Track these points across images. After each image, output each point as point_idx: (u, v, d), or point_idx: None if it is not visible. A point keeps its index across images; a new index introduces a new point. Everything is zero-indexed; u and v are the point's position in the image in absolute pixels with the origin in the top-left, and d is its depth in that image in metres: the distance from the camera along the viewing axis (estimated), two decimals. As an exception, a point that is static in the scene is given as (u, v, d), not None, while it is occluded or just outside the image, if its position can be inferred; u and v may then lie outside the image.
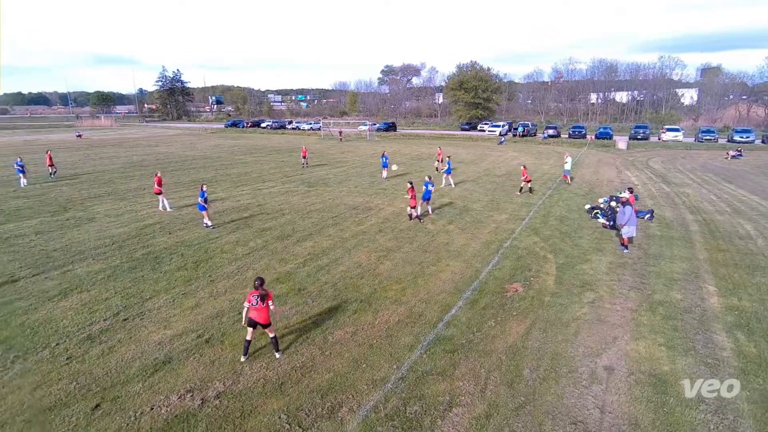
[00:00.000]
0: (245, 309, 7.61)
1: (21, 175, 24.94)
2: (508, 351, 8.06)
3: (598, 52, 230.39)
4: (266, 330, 7.75)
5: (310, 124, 78.87)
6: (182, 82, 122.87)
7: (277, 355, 7.81)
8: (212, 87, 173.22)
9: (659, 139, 52.56)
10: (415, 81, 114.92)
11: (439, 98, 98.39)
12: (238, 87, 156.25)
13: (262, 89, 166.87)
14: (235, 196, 21.31)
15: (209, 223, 15.69)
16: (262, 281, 7.49)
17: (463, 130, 70.62)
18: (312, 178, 26.83)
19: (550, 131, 56.23)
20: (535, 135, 59.31)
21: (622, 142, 45.62)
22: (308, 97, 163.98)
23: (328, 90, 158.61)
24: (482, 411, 6.54)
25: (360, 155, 39.19)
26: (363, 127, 66.71)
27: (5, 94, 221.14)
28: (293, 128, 78.77)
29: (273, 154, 40.07)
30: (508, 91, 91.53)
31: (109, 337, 8.45)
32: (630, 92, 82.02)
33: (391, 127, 72.11)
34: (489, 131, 62.08)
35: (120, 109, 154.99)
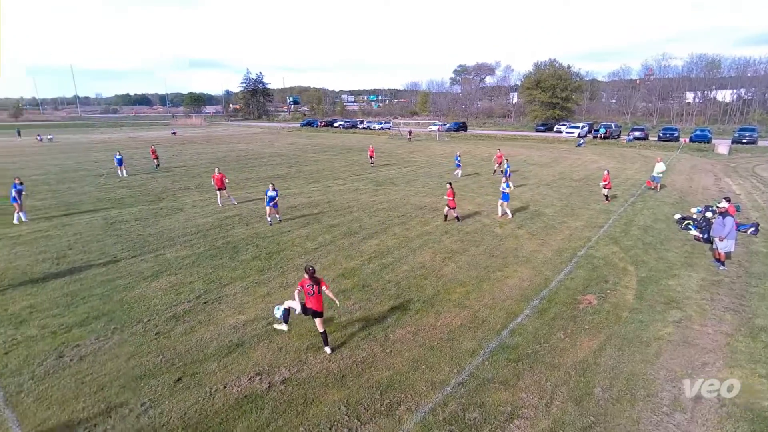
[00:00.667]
0: (297, 293, 7.87)
1: (120, 167, 28.21)
2: (578, 366, 7.58)
3: (699, 46, 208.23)
4: (317, 321, 7.86)
5: (381, 123, 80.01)
6: (263, 84, 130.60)
7: (327, 350, 7.94)
8: (290, 88, 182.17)
9: (770, 143, 46.33)
10: (489, 80, 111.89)
11: (514, 98, 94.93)
12: (314, 88, 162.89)
13: (336, 90, 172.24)
14: (307, 193, 22.24)
15: (270, 219, 16.31)
16: (314, 269, 7.70)
17: (538, 131, 67.50)
18: (380, 177, 27.21)
19: (636, 133, 51.80)
20: (618, 137, 55.08)
21: (722, 146, 40.82)
22: (380, 97, 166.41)
23: (399, 90, 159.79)
24: (546, 426, 6.23)
25: (429, 155, 39.03)
26: (433, 127, 66.35)
27: (116, 96, 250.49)
28: (364, 128, 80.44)
29: (344, 153, 41.23)
30: (589, 89, 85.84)
31: (191, 318, 9.23)
32: (735, 90, 72.95)
33: (461, 127, 70.97)
34: (566, 133, 58.74)
35: (209, 108, 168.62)
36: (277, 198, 16.16)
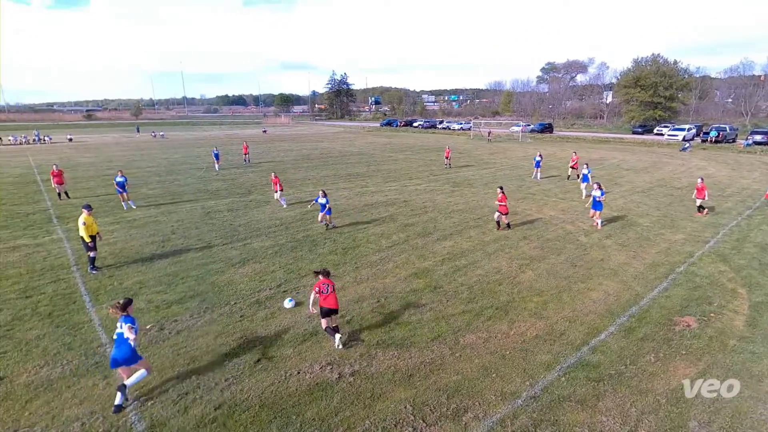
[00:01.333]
0: (312, 298, 8.13)
1: (216, 161, 31.02)
2: (670, 395, 6.83)
3: None
4: (334, 317, 8.24)
5: (460, 124, 78.78)
6: (347, 85, 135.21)
7: (338, 342, 8.05)
8: (372, 88, 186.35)
9: None
10: (580, 78, 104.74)
11: (608, 97, 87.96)
12: (395, 88, 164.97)
13: (417, 90, 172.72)
14: (384, 191, 22.60)
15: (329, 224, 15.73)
16: (328, 271, 8.34)
17: (634, 133, 61.88)
18: (457, 178, 26.80)
19: (758, 137, 45.14)
20: (734, 141, 48.59)
21: None
22: (461, 98, 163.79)
23: (482, 90, 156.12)
24: (629, 456, 5.70)
25: (510, 157, 37.63)
26: (515, 128, 63.83)
27: (216, 97, 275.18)
28: (443, 128, 79.78)
29: (422, 153, 41.25)
30: (699, 87, 76.53)
31: (272, 304, 9.85)
32: None
33: (546, 128, 67.42)
34: (669, 135, 53.12)
35: (296, 108, 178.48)
36: (328, 205, 15.40)
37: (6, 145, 52.33)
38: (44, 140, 56.21)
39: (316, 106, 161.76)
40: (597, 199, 15.31)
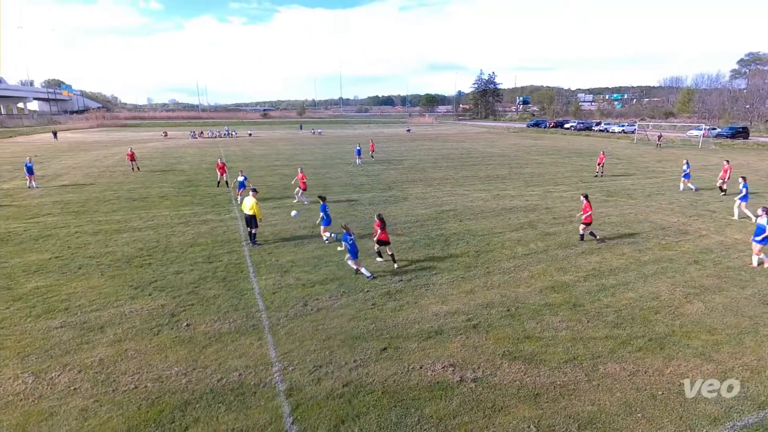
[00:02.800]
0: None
1: (357, 156, 34.14)
2: None
3: None
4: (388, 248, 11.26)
5: (622, 126, 69.80)
6: (495, 84, 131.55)
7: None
8: (521, 88, 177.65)
9: None
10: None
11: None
12: (546, 87, 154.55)
13: (572, 88, 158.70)
14: (524, 196, 21.41)
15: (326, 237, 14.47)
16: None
17: None
18: (613, 186, 23.88)
19: None
20: None
21: None
22: (625, 96, 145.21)
23: (653, 87, 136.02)
24: None
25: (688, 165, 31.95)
26: (695, 132, 53.95)
27: (368, 97, 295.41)
28: (600, 130, 71.82)
29: (572, 157, 37.85)
30: None
31: (401, 297, 10.21)
32: None
33: (740, 132, 55.34)
34: None
35: (440, 108, 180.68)
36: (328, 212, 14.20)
37: (205, 138, 64.61)
38: (232, 135, 67.92)
39: (461, 106, 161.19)
40: (764, 228, 11.59)
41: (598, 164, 27.60)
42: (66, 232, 15.49)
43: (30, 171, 24.27)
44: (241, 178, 20.38)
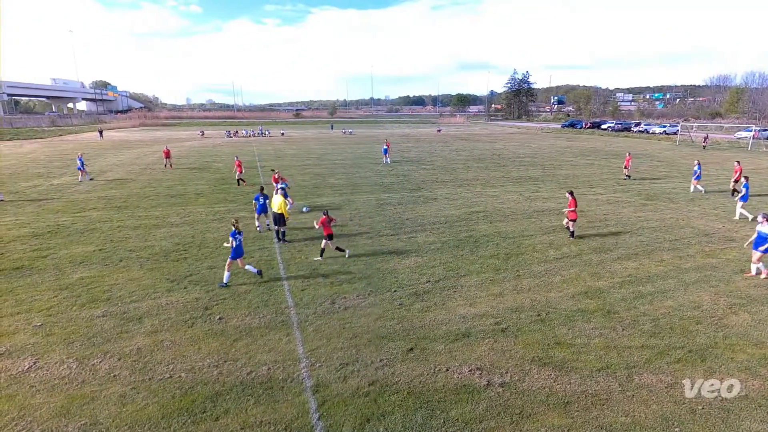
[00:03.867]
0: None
1: (385, 155, 34.37)
2: None
3: None
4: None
5: (664, 126, 66.80)
6: (528, 83, 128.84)
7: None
8: (556, 87, 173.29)
9: None
10: None
11: None
12: (582, 86, 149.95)
13: (611, 88, 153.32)
14: (557, 198, 20.85)
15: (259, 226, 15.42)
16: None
17: None
18: (653, 190, 22.91)
19: None
20: None
21: None
22: (667, 96, 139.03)
23: (698, 86, 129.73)
24: None
25: (729, 169, 30.28)
26: (744, 133, 51.02)
27: (399, 97, 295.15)
28: (639, 131, 69.01)
29: (609, 159, 36.56)
30: None
31: (429, 298, 10.15)
32: None
33: (794, 134, 51.84)
34: None
35: (472, 109, 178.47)
36: (266, 203, 14.89)
37: (240, 137, 66.40)
38: (265, 134, 69.48)
39: (493, 106, 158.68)
40: (763, 236, 10.89)
41: (625, 167, 26.53)
42: (109, 226, 16.28)
43: (81, 166, 26.10)
44: (282, 184, 19.75)
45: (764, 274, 11.06)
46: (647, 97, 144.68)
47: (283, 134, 69.82)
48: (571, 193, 14.44)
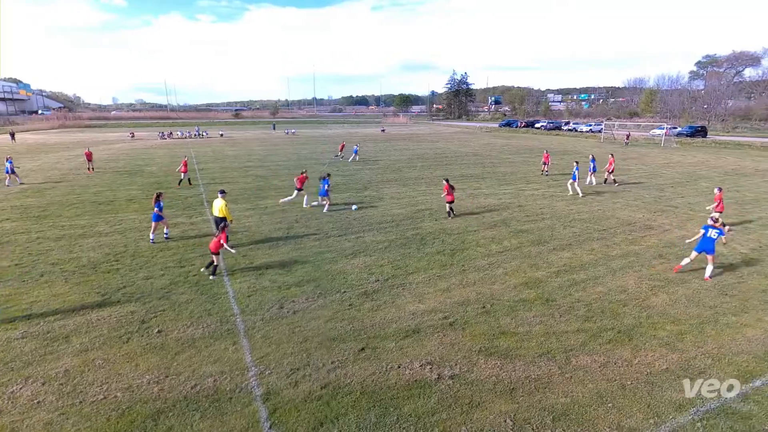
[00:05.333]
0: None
1: (354, 154, 35.97)
2: None
3: None
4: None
5: (590, 125, 72.01)
6: (467, 84, 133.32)
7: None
8: (493, 88, 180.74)
9: None
10: (749, 73, 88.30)
11: (787, 95, 72.16)
12: (517, 87, 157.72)
13: (542, 89, 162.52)
14: (498, 194, 21.79)
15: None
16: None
17: (824, 139, 49.88)
18: (589, 187, 24.59)
19: None
20: None
21: None
22: (592, 97, 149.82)
23: (618, 88, 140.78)
24: None
25: (647, 164, 33.31)
26: (657, 131, 56.21)
27: (342, 97, 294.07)
28: (569, 129, 73.86)
29: (542, 156, 38.76)
30: None
31: (378, 297, 10.21)
32: None
33: (698, 131, 58.09)
34: None
35: (414, 108, 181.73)
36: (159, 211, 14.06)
37: (175, 138, 62.89)
38: (202, 135, 66.30)
39: (434, 106, 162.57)
40: (710, 237, 11.01)
41: (544, 163, 28.20)
42: (26, 238, 14.76)
43: (10, 170, 24.96)
44: (327, 181, 18.62)
45: (687, 260, 11.38)
46: (575, 97, 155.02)
47: (222, 135, 66.99)
48: (447, 180, 17.19)
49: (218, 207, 13.62)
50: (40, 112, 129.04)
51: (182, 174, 24.62)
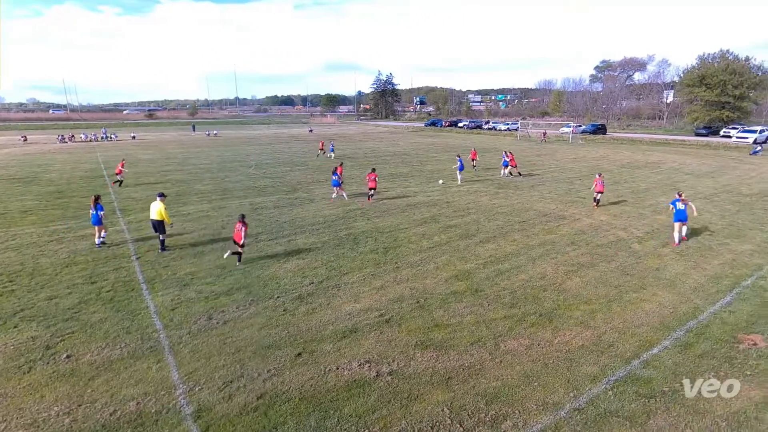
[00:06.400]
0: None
1: (331, 152, 36.64)
2: (732, 418, 6.33)
3: None
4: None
5: (507, 124, 76.83)
6: (392, 84, 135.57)
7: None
8: (418, 88, 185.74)
9: None
10: (638, 77, 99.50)
11: (668, 97, 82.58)
12: (440, 88, 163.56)
13: (463, 89, 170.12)
14: (426, 192, 22.48)
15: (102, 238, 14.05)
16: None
17: (698, 135, 57.80)
18: (502, 180, 26.19)
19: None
20: (815, 145, 44.20)
21: None
22: (508, 97, 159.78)
23: (530, 89, 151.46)
24: (682, 480, 5.33)
25: (558, 159, 36.29)
26: (566, 129, 61.43)
27: (266, 97, 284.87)
28: (489, 128, 78.17)
29: (466, 154, 40.55)
30: (775, 86, 70.22)
31: (313, 300, 10.07)
32: None
33: (599, 129, 64.37)
34: (738, 138, 49.09)
35: (342, 109, 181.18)
36: (102, 213, 13.62)
37: (78, 142, 56.84)
38: (111, 138, 60.58)
39: (362, 106, 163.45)
40: (680, 211, 13.51)
41: (473, 159, 30.43)
42: None
43: None
44: (335, 178, 20.77)
45: (683, 238, 13.90)
46: (493, 98, 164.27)
47: (134, 137, 61.71)
48: (373, 170, 20.18)
49: (156, 210, 13.25)
50: None
51: (117, 176, 24.73)
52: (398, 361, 7.70)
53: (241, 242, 11.96)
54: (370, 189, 19.89)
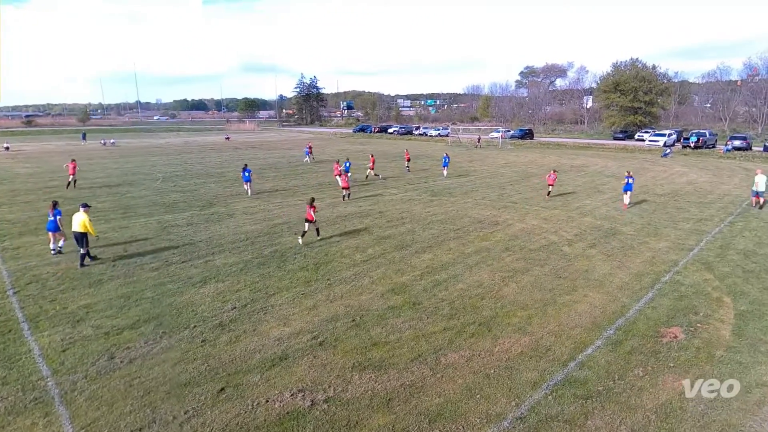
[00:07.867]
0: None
1: (306, 155, 36.81)
2: (660, 410, 7.02)
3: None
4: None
5: (438, 129, 79.90)
6: (317, 89, 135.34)
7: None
8: (344, 93, 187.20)
9: None
10: (560, 83, 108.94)
11: (588, 102, 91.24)
12: (368, 92, 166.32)
13: (392, 94, 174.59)
14: (357, 202, 22.59)
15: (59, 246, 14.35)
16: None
17: (615, 139, 64.40)
18: (436, 187, 27.10)
19: (737, 142, 47.93)
20: (714, 147, 51.17)
21: None
22: (438, 102, 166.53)
23: (459, 94, 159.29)
24: (620, 477, 5.79)
25: (489, 165, 38.38)
26: (495, 134, 65.23)
27: (174, 101, 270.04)
28: (420, 134, 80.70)
29: (397, 161, 41.51)
30: (678, 92, 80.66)
31: (237, 327, 9.62)
32: None
33: (527, 134, 69.25)
34: (650, 141, 55.49)
35: (262, 114, 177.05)
36: (60, 218, 13.96)
37: (-69, 154, 49.62)
38: (-24, 149, 53.56)
39: (284, 111, 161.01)
40: (629, 184, 20.59)
41: (407, 160, 34.44)
42: None
43: None
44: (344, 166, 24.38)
45: (626, 201, 20.62)
46: (422, 103, 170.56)
47: (7, 149, 55.12)
48: (339, 162, 22.89)
49: (79, 221, 13.13)
50: None
51: (70, 176, 26.27)
52: (335, 387, 7.58)
53: (314, 219, 15.00)
54: (343, 188, 23.14)
